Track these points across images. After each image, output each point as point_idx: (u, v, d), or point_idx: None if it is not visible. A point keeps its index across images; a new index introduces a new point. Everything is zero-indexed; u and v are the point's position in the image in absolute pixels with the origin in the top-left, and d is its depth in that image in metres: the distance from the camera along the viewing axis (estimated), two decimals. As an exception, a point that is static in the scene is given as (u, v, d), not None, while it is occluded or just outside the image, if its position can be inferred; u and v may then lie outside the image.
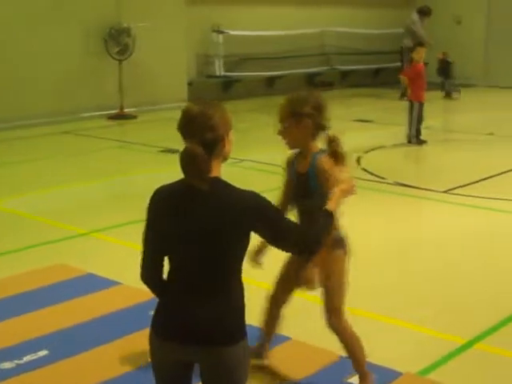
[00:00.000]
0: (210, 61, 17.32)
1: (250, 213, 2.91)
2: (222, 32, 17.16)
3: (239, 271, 3.00)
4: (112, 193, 9.62)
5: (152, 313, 3.07)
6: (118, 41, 14.74)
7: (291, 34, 18.39)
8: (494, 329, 5.33)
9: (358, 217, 7.19)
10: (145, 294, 5.55)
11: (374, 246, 7.09)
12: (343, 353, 4.36)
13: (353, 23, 20.16)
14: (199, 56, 17.12)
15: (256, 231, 2.98)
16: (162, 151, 11.74)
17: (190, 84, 16.65)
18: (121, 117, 14.87)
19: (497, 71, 20.79)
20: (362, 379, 4.32)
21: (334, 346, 4.44)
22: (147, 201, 3.05)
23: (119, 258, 6.81)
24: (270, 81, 18.60)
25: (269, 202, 2.98)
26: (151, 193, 3.06)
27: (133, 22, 14.89)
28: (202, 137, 2.92)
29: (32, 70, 13.83)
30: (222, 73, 17.41)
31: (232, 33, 17.23)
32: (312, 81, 19.65)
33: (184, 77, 16.56)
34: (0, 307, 5.60)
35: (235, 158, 11.09)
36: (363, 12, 20.78)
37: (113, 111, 14.90)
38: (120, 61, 14.84)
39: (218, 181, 2.98)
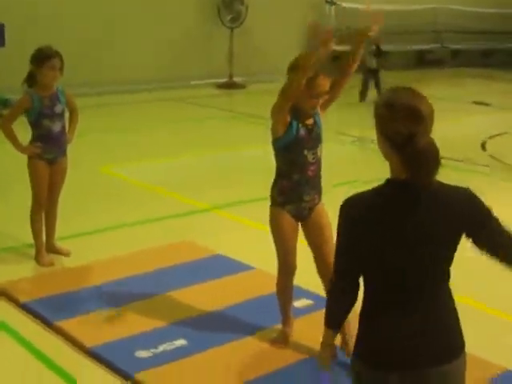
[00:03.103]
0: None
1: (470, 209, 2.64)
2: (334, 3, 16.60)
3: None
4: (226, 166, 9.24)
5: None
6: (230, 8, 14.36)
7: (402, 9, 17.70)
8: None
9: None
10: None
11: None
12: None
13: (466, 1, 19.30)
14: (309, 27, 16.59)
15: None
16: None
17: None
18: (230, 86, 14.53)
19: None
20: None
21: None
22: (265, 177, 2.63)
23: (247, 239, 6.46)
24: (380, 55, 17.96)
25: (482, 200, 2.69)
26: (267, 168, 2.63)
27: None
28: (428, 130, 2.57)
29: (144, 33, 13.60)
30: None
31: (344, 5, 16.66)
32: (422, 58, 18.98)
33: (294, 48, 16.05)
34: (129, 286, 5.31)
35: (351, 136, 10.67)
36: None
37: (222, 80, 14.56)
38: (232, 28, 14.47)
39: None
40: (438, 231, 2.59)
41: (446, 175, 2.66)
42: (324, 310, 2.78)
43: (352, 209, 2.65)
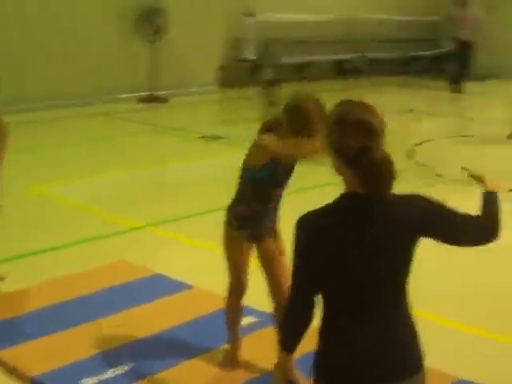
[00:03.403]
0: (241, 44, 16.79)
1: (423, 215, 2.65)
2: (253, 15, 16.62)
3: None
4: (157, 182, 9.10)
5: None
6: (151, 21, 14.24)
7: (321, 19, 17.85)
8: None
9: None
10: (220, 299, 5.24)
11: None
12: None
13: (383, 9, 19.58)
14: (230, 39, 16.59)
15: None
16: (202, 138, 11.28)
17: (220, 68, 16.19)
18: (152, 99, 14.39)
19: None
20: None
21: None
22: (197, 191, 2.60)
23: (184, 256, 6.38)
24: (300, 67, 18.09)
25: (435, 200, 2.73)
26: (201, 183, 2.62)
27: (167, 3, 14.38)
28: (380, 143, 2.57)
29: (63, 49, 13.35)
30: (253, 57, 16.89)
31: (263, 17, 16.68)
32: (341, 68, 19.18)
33: (216, 60, 16.11)
34: (67, 311, 5.15)
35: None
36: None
37: (144, 93, 14.41)
38: (153, 42, 14.35)
39: None
40: (394, 243, 2.60)
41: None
42: (271, 327, 2.75)
43: (307, 226, 2.63)
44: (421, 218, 2.64)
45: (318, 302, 2.66)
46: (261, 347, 4.57)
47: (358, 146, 2.51)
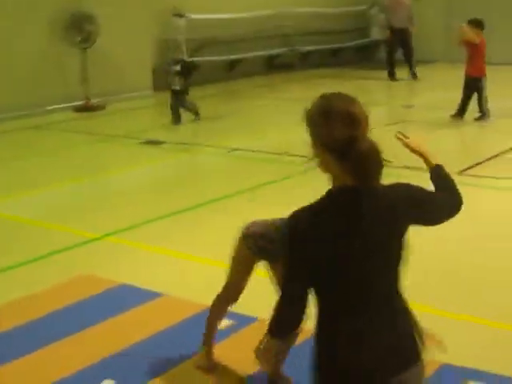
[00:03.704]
0: (172, 46, 16.62)
1: (410, 202, 2.68)
2: (182, 16, 16.48)
3: None
4: (107, 191, 8.94)
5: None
6: (81, 28, 13.98)
7: (250, 15, 17.79)
8: None
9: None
10: (194, 305, 5.16)
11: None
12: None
13: (312, 2, 19.62)
14: (161, 41, 16.41)
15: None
16: (144, 143, 11.14)
17: (152, 71, 16.00)
18: (88, 108, 14.13)
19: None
20: None
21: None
22: (149, 197, 2.54)
23: (147, 265, 6.25)
24: (231, 65, 18.05)
25: (418, 186, 2.78)
26: (150, 188, 2.56)
27: (95, 9, 14.14)
28: (365, 134, 2.58)
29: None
30: (186, 58, 16.74)
31: (192, 16, 16.56)
32: (271, 63, 19.17)
33: (148, 64, 15.92)
34: (35, 330, 4.98)
35: (225, 147, 10.60)
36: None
37: (78, 102, 14.15)
38: (83, 49, 14.09)
39: None
40: (387, 233, 2.60)
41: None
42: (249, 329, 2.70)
43: (300, 223, 2.59)
44: (409, 204, 2.66)
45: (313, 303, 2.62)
46: (241, 349, 4.51)
47: (344, 136, 2.49)
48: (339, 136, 2.51)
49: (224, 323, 4.86)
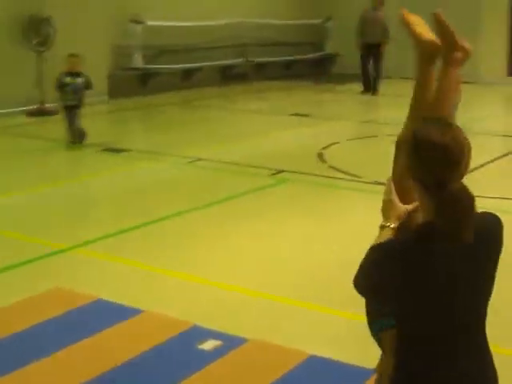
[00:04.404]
0: (128, 53, 16.33)
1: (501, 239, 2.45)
2: (140, 22, 16.21)
3: None
4: (71, 200, 8.57)
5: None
6: (37, 31, 13.61)
7: (207, 24, 17.62)
8: None
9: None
10: (178, 322, 4.94)
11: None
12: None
13: (268, 14, 19.52)
14: (118, 48, 16.10)
15: None
16: (103, 150, 10.84)
17: (108, 77, 15.69)
18: (42, 113, 13.74)
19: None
20: None
21: None
22: (113, 207, 2.35)
23: (122, 278, 5.99)
24: (187, 74, 17.83)
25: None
26: (116, 197, 2.36)
27: (53, 12, 13.78)
28: (460, 171, 2.32)
29: None
30: (141, 65, 16.49)
31: (150, 23, 16.31)
32: (226, 73, 19.01)
33: (104, 70, 15.58)
34: (3, 350, 4.65)
35: (188, 157, 10.38)
36: (277, 2, 20.24)
37: (32, 106, 13.75)
38: (40, 52, 13.71)
39: None
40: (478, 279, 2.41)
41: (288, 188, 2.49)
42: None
43: (393, 258, 2.38)
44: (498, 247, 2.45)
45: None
46: (234, 372, 4.32)
47: (435, 178, 2.28)
48: (429, 175, 2.31)
49: (212, 344, 4.68)
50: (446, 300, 2.32)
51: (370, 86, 17.14)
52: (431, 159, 2.27)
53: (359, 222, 7.31)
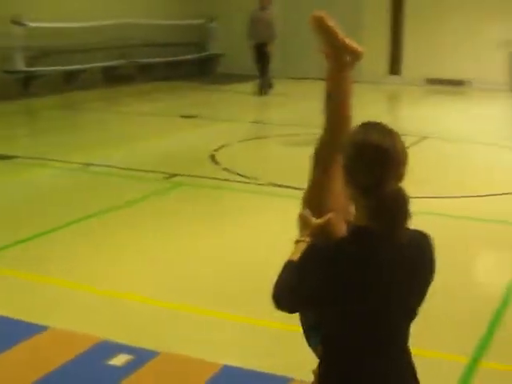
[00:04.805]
0: (8, 55, 15.81)
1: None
2: (22, 24, 15.72)
3: None
4: None
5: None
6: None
7: (89, 25, 17.28)
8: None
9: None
10: (85, 338, 4.78)
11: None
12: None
13: (152, 15, 19.35)
14: (-1, 49, 15.57)
15: None
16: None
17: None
18: None
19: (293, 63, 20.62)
20: None
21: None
22: (8, 218, 2.28)
23: (18, 292, 5.73)
24: (69, 76, 17.41)
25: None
26: (5, 208, 2.27)
27: None
28: (398, 174, 2.34)
29: None
30: (23, 68, 16.01)
31: (31, 25, 15.85)
32: (109, 75, 18.70)
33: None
34: None
35: (78, 163, 10.13)
36: (161, 3, 20.09)
37: None
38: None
39: None
40: (409, 288, 2.44)
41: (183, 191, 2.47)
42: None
43: (321, 259, 2.37)
44: (431, 265, 2.50)
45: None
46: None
47: (371, 178, 2.31)
48: (365, 175, 2.33)
49: (123, 359, 4.55)
50: (378, 303, 2.35)
51: (265, 85, 17.08)
52: (373, 160, 2.30)
53: (257, 224, 7.34)
